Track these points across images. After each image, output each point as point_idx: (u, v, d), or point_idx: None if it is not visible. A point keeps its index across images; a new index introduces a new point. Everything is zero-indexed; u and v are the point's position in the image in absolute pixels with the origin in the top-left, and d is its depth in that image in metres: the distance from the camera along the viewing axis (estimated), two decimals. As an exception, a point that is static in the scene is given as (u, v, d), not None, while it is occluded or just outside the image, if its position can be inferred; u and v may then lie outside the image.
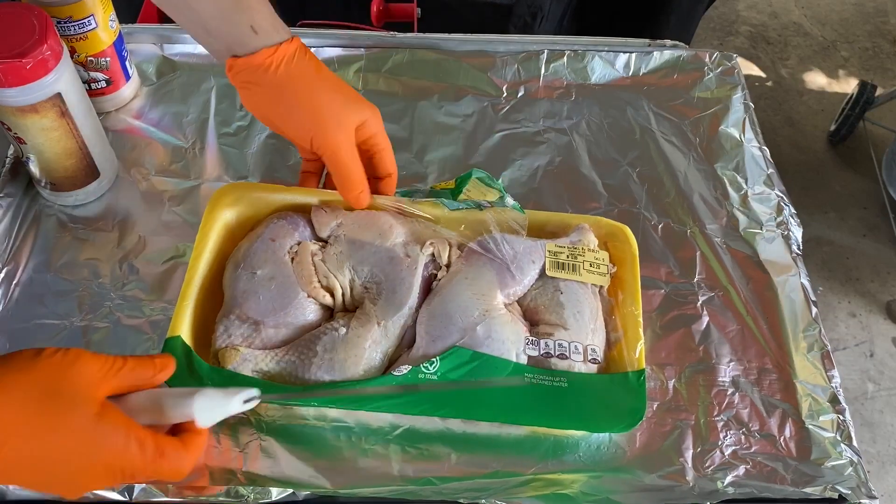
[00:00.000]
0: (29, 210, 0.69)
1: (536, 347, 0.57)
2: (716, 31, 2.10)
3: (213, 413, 0.47)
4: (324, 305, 0.59)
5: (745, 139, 0.78)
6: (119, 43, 0.73)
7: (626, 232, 0.63)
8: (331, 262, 0.60)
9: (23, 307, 0.63)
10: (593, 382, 0.56)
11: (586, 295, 0.60)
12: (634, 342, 0.58)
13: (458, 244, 0.62)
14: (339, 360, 0.55)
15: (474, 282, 0.59)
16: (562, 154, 0.77)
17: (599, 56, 0.84)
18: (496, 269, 0.59)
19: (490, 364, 0.55)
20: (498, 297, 0.58)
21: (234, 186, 0.64)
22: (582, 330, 0.58)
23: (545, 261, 0.60)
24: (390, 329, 0.57)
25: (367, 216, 0.62)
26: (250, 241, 0.61)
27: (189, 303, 0.57)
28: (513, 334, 0.57)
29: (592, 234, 0.63)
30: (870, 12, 2.17)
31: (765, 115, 1.89)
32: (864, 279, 1.62)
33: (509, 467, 0.57)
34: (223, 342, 0.57)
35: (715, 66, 0.84)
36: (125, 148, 0.74)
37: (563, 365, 0.56)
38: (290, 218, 0.62)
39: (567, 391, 0.55)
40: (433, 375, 0.55)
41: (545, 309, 0.59)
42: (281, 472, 0.55)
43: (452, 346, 0.56)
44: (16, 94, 0.59)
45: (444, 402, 0.54)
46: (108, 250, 0.67)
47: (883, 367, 1.50)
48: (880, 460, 1.39)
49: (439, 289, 0.59)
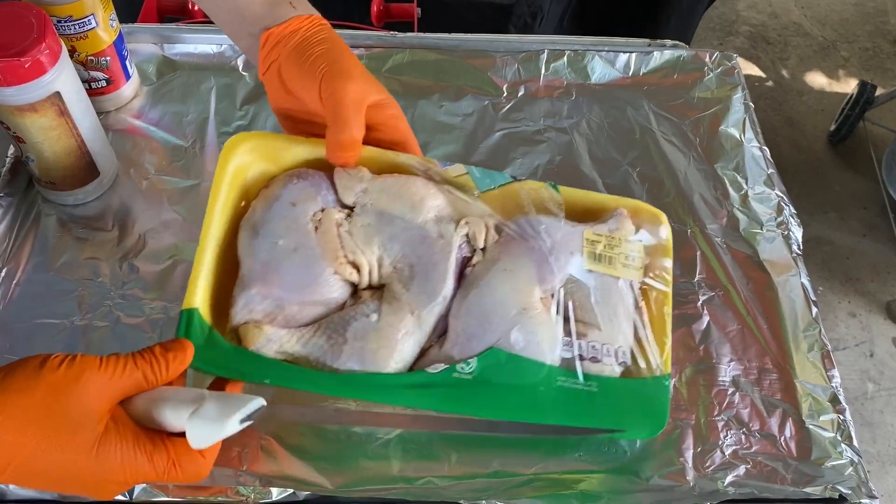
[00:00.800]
0: (29, 210, 0.69)
1: (570, 349, 0.55)
2: (716, 31, 2.10)
3: (207, 438, 0.44)
4: (348, 282, 0.55)
5: (746, 139, 0.78)
6: (119, 42, 0.73)
7: (663, 220, 0.60)
8: (358, 237, 0.55)
9: (23, 307, 0.63)
10: (622, 387, 0.55)
11: (620, 292, 0.57)
12: (661, 345, 0.56)
13: (493, 224, 0.57)
14: (370, 350, 0.52)
15: (513, 275, 0.55)
16: (562, 153, 0.77)
17: (599, 56, 0.84)
18: (535, 260, 0.56)
19: (524, 366, 0.53)
20: (536, 292, 0.55)
21: (247, 136, 0.57)
22: (615, 331, 0.55)
23: (583, 251, 0.56)
24: (424, 319, 0.54)
25: (395, 182, 0.57)
26: (267, 203, 0.55)
27: (204, 269, 0.53)
28: (548, 335, 0.54)
29: (630, 222, 0.58)
30: (870, 12, 2.17)
31: (765, 115, 1.89)
32: (864, 279, 1.62)
33: (510, 467, 0.57)
34: (244, 317, 0.53)
35: (715, 66, 0.84)
36: (125, 147, 0.74)
37: (595, 369, 0.55)
38: (311, 178, 0.56)
39: (597, 395, 0.54)
40: (468, 376, 0.53)
41: (580, 306, 0.56)
42: (281, 471, 0.55)
43: (489, 346, 0.53)
44: (14, 93, 0.59)
45: (476, 401, 0.53)
46: (108, 250, 0.67)
47: (883, 367, 1.50)
48: (880, 460, 1.39)
49: (475, 279, 0.55)
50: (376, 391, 0.52)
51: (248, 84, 0.79)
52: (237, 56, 0.81)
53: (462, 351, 0.53)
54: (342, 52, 0.57)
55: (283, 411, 0.58)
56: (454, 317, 0.55)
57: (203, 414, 0.44)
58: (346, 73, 0.55)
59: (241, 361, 0.51)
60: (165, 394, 0.46)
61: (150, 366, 0.45)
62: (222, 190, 0.55)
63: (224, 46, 0.82)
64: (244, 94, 0.78)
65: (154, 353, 0.46)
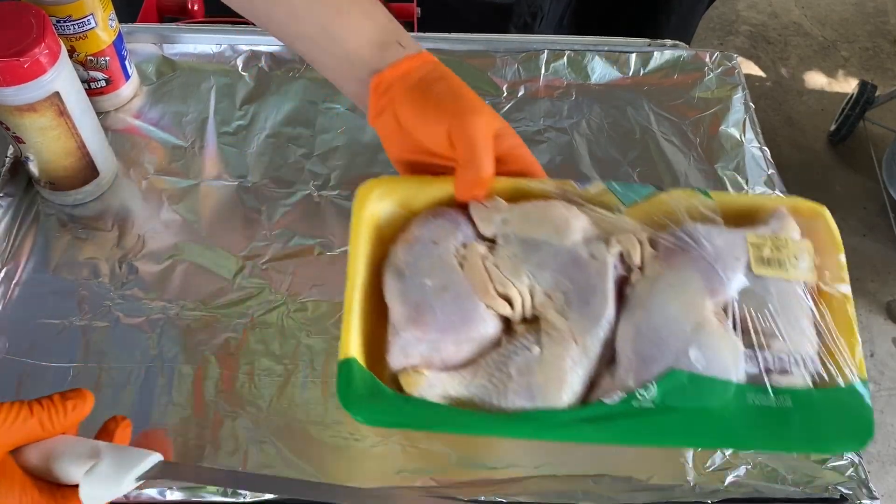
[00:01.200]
0: (28, 210, 0.69)
1: (755, 362, 0.50)
2: (716, 31, 2.10)
3: (101, 496, 0.42)
4: (502, 316, 0.53)
5: (746, 139, 0.78)
6: (119, 42, 0.73)
7: (827, 216, 0.56)
8: (505, 267, 0.53)
9: (23, 307, 0.63)
10: (818, 399, 0.50)
11: (797, 296, 0.52)
12: (852, 347, 0.51)
13: (646, 238, 0.54)
14: (537, 385, 0.49)
15: (680, 289, 0.51)
16: (562, 153, 0.77)
17: (599, 56, 0.84)
18: (701, 270, 0.52)
19: (710, 386, 0.49)
20: (708, 305, 0.51)
21: (378, 182, 0.55)
22: (799, 338, 0.51)
23: (749, 256, 0.52)
24: (589, 346, 0.51)
25: (534, 208, 0.54)
26: (408, 245, 0.54)
27: (354, 317, 0.50)
28: (730, 350, 0.50)
29: (794, 221, 0.55)
30: (870, 12, 2.17)
31: (765, 115, 1.89)
32: (864, 279, 1.62)
33: (509, 466, 0.56)
34: (401, 362, 0.50)
35: (715, 66, 0.84)
36: (125, 147, 0.74)
37: (785, 381, 0.50)
38: (448, 215, 0.54)
39: (793, 411, 0.50)
40: (649, 403, 0.49)
41: (755, 315, 0.51)
42: (281, 472, 0.55)
43: (667, 368, 0.49)
44: (13, 93, 0.59)
45: (663, 431, 0.49)
46: (108, 250, 0.67)
47: (883, 367, 1.50)
48: (880, 460, 1.39)
49: (639, 299, 0.52)
50: (554, 429, 0.49)
51: (247, 84, 0.79)
52: (237, 56, 0.81)
53: (638, 376, 0.49)
54: (461, 86, 0.54)
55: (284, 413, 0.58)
56: (623, 340, 0.51)
57: (99, 471, 0.43)
58: (472, 109, 0.52)
59: (412, 410, 0.49)
60: (61, 445, 0.44)
61: (48, 413, 0.43)
62: (361, 237, 0.53)
63: (224, 46, 0.82)
64: (244, 94, 0.78)
65: (52, 400, 0.44)
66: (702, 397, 0.49)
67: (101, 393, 0.58)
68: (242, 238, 0.68)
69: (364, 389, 0.48)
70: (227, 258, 0.67)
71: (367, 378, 0.48)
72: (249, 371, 0.60)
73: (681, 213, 0.54)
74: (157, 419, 0.57)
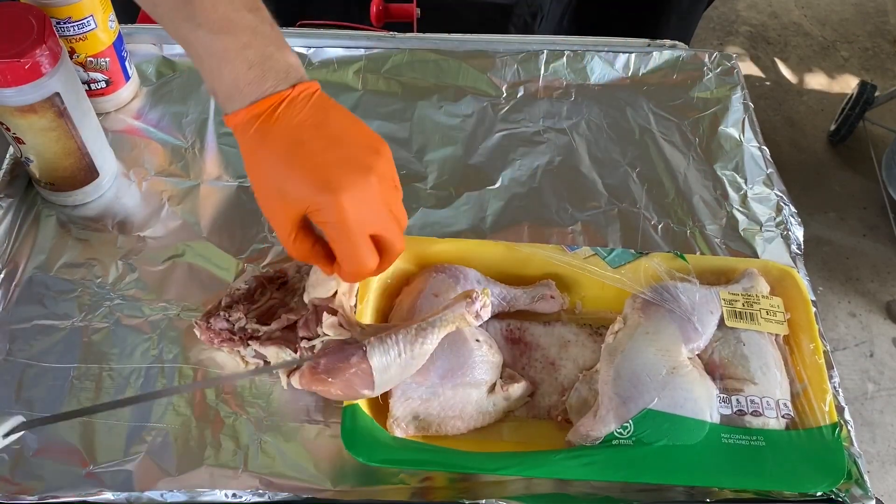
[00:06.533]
0: (29, 210, 0.69)
1: (729, 405, 0.55)
2: (716, 31, 2.10)
3: None
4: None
5: (745, 139, 0.78)
6: (118, 43, 0.73)
7: (795, 275, 0.62)
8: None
9: (23, 307, 0.63)
10: (790, 439, 0.55)
11: (768, 345, 0.58)
12: (822, 393, 0.56)
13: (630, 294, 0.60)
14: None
15: (656, 336, 0.57)
16: (562, 154, 0.77)
17: (599, 56, 0.84)
18: (677, 321, 0.57)
19: (685, 426, 0.53)
20: (683, 351, 0.56)
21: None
22: (771, 383, 0.56)
23: (722, 310, 0.58)
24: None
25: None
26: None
27: None
28: (704, 392, 0.55)
29: (763, 280, 0.61)
30: (870, 12, 2.17)
31: (765, 115, 1.89)
32: (864, 279, 1.62)
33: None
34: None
35: (714, 66, 0.84)
36: (125, 148, 0.74)
37: (758, 422, 0.55)
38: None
39: (765, 450, 0.54)
40: (628, 440, 0.53)
41: (729, 362, 0.57)
42: (281, 471, 0.55)
43: (644, 408, 0.53)
44: (14, 93, 0.59)
45: (640, 467, 0.52)
46: (108, 250, 0.67)
47: (883, 367, 1.50)
48: (880, 460, 1.39)
49: (619, 345, 0.57)
50: (538, 467, 0.53)
51: (247, 85, 0.79)
52: (237, 57, 0.81)
53: (618, 414, 0.54)
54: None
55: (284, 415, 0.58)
56: (604, 383, 0.56)
57: None
58: (337, 181, 0.47)
59: (408, 453, 0.54)
60: None
61: None
62: (369, 289, 0.59)
63: (224, 47, 0.82)
64: (244, 95, 0.78)
65: None
66: (677, 435, 0.53)
67: (101, 394, 0.59)
68: (243, 239, 0.68)
69: (366, 433, 0.53)
70: (228, 259, 0.67)
71: (367, 422, 0.54)
72: (249, 371, 0.60)
73: (661, 274, 0.61)
74: (158, 420, 0.57)
